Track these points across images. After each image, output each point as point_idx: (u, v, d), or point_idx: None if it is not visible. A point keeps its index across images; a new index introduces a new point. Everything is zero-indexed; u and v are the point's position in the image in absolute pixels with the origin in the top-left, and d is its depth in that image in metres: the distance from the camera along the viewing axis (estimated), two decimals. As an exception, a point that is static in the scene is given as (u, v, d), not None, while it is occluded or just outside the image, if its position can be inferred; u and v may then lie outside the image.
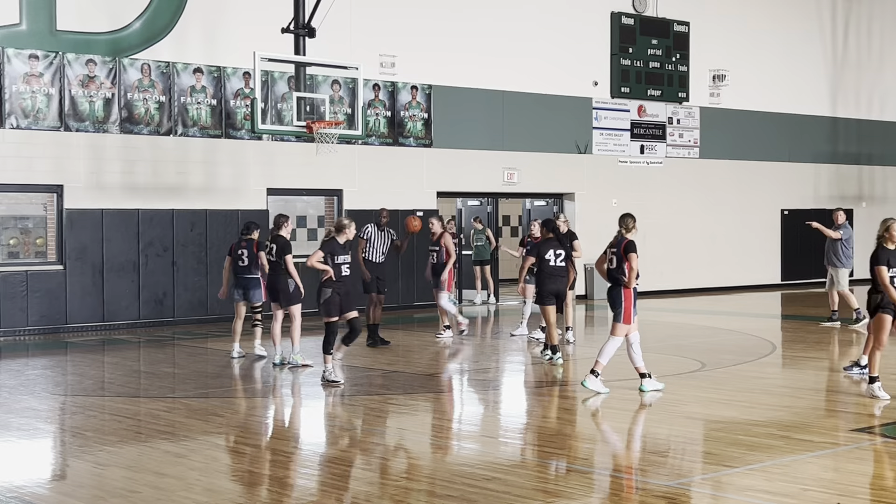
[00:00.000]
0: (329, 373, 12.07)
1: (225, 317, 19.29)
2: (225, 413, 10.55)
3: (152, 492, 7.44)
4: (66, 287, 17.98)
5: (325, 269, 11.91)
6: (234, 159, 19.70)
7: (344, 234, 12.19)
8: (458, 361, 14.70)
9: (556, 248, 13.45)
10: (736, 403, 10.63)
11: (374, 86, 21.32)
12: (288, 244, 13.68)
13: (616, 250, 11.34)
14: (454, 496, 7.22)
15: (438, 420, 10.52)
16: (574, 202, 24.35)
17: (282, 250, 13.51)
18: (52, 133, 17.92)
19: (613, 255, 11.35)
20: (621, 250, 11.29)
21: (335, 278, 11.98)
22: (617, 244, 11.36)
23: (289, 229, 13.84)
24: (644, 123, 25.57)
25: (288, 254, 13.52)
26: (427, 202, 22.09)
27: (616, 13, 24.87)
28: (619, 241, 11.36)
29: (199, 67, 19.32)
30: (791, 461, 8.15)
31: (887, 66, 30.47)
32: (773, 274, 27.75)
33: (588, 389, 11.21)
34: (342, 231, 12.20)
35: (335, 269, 11.99)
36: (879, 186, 30.59)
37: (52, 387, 12.44)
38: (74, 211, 18.11)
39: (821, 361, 13.91)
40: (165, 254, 18.89)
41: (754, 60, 27.42)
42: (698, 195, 26.44)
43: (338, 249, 12.12)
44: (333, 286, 11.99)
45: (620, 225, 11.43)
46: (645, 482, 7.65)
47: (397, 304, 21.49)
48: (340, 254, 12.12)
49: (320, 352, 12.37)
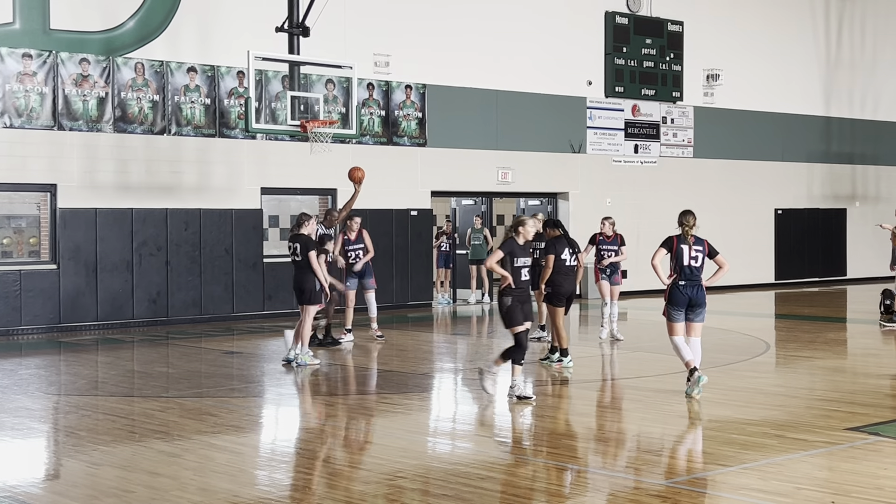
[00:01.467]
0: (517, 388, 10.77)
1: (218, 316, 19.30)
2: (219, 412, 10.54)
3: (146, 491, 7.43)
4: (59, 286, 17.95)
5: (504, 275, 10.65)
6: (228, 158, 19.68)
7: (522, 233, 10.85)
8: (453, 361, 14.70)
9: (569, 247, 13.07)
10: (730, 402, 10.64)
11: (369, 85, 21.31)
12: (312, 241, 13.50)
13: (701, 249, 10.95)
14: (449, 495, 7.22)
15: (433, 419, 10.52)
16: (568, 201, 24.36)
17: (305, 248, 13.34)
18: (45, 132, 17.89)
19: (699, 254, 10.96)
20: (707, 250, 10.91)
21: (514, 285, 10.73)
22: (697, 242, 10.96)
23: (312, 227, 13.61)
24: (638, 123, 25.59)
25: (312, 251, 13.31)
26: (421, 202, 22.09)
27: (610, 13, 24.88)
28: (697, 239, 10.99)
29: (192, 66, 19.29)
30: (785, 460, 8.16)
31: (880, 66, 30.53)
32: (766, 273, 27.79)
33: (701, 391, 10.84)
34: (521, 229, 10.82)
35: (514, 273, 10.73)
36: (872, 186, 30.66)
37: (46, 386, 12.41)
38: (68, 210, 18.08)
39: (814, 360, 13.93)
40: (159, 253, 18.86)
41: (748, 60, 27.46)
42: (692, 194, 26.44)
43: (518, 251, 10.78)
44: (513, 294, 10.71)
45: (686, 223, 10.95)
46: (639, 481, 7.66)
47: (391, 304, 21.49)
48: (521, 256, 10.80)
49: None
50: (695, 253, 10.90)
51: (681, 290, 10.88)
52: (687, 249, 10.88)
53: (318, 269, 13.31)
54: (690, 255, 10.87)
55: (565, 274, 12.93)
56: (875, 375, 12.37)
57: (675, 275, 10.91)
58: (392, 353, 15.04)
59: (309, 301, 13.40)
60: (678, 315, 10.93)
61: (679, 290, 10.88)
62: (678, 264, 10.89)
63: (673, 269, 10.95)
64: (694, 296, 10.88)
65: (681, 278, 10.86)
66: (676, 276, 10.89)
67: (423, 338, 17.20)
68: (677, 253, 10.88)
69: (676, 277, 10.89)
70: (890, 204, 30.53)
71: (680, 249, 10.88)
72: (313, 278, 13.33)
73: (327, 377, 13.07)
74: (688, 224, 10.91)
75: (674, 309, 10.94)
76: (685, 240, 10.92)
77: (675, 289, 10.91)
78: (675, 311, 10.94)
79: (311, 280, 13.35)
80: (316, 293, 13.37)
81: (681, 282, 10.87)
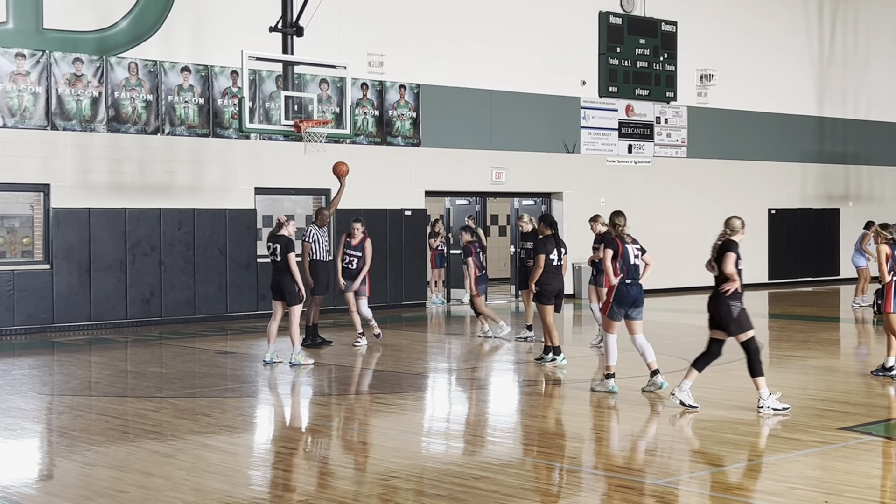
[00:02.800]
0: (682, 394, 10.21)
1: (212, 316, 19.27)
2: (212, 413, 10.53)
3: (140, 492, 7.42)
4: (52, 286, 17.91)
5: (733, 278, 10.12)
6: (222, 158, 19.66)
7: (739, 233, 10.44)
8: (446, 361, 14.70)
9: (558, 246, 13.25)
10: (724, 402, 10.65)
11: (363, 85, 21.30)
12: (292, 243, 13.68)
13: (639, 247, 11.23)
14: (443, 495, 7.22)
15: (427, 419, 10.52)
16: (562, 201, 24.37)
17: (285, 249, 13.49)
18: (38, 132, 17.86)
19: (639, 252, 11.23)
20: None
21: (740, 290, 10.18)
22: (634, 241, 11.25)
23: (291, 229, 13.79)
24: (632, 123, 25.61)
25: (291, 252, 13.49)
26: (415, 202, 22.08)
27: (604, 13, 24.89)
28: (633, 239, 11.25)
29: (186, 66, 19.27)
30: (778, 460, 8.17)
31: (873, 66, 30.58)
32: (760, 273, 27.82)
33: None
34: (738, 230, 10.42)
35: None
36: (866, 186, 30.72)
37: (39, 386, 12.39)
38: (61, 210, 18.04)
39: (808, 360, 13.95)
40: (153, 253, 18.83)
41: (741, 60, 27.49)
42: (686, 194, 26.50)
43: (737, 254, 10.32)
44: (741, 299, 10.22)
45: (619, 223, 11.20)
46: (633, 481, 7.66)
47: (385, 304, 21.47)
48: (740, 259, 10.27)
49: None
50: (636, 251, 11.24)
51: (628, 289, 11.12)
52: (631, 249, 11.19)
53: (297, 271, 13.49)
54: (634, 253, 11.19)
55: (552, 273, 13.08)
56: (868, 375, 12.39)
57: (622, 274, 11.13)
58: (386, 353, 15.03)
59: (290, 302, 13.51)
60: (620, 313, 11.17)
61: (626, 289, 11.12)
62: (625, 264, 11.14)
63: (619, 268, 11.14)
64: (638, 294, 11.18)
65: (627, 277, 11.13)
66: (623, 275, 11.13)
67: (418, 337, 17.19)
68: (624, 253, 11.14)
69: (623, 276, 11.13)
70: (883, 204, 30.62)
71: (626, 249, 11.16)
72: (292, 280, 13.44)
73: (321, 377, 13.06)
74: (621, 224, 11.24)
75: (619, 308, 11.15)
76: (626, 240, 11.22)
77: (622, 287, 11.12)
78: (619, 309, 11.16)
79: (289, 281, 13.49)
80: (294, 294, 13.48)
81: (627, 280, 11.13)
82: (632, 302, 11.14)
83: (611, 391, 11.11)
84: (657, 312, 21.00)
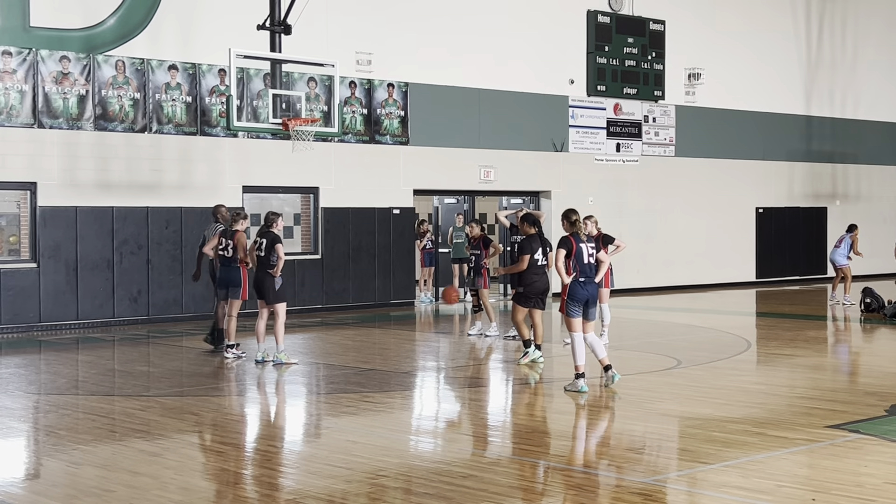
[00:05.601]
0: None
1: (199, 315, 19.22)
2: (200, 411, 10.50)
3: (127, 491, 7.40)
4: (39, 285, 17.85)
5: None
6: (210, 157, 19.61)
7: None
8: (435, 359, 14.69)
9: (543, 245, 13.27)
10: (711, 400, 10.67)
11: (351, 83, 21.27)
12: (278, 238, 13.64)
13: (594, 246, 11.45)
14: (431, 494, 7.21)
15: (415, 418, 10.51)
16: (550, 200, 24.38)
17: (271, 244, 13.45)
18: (25, 130, 17.79)
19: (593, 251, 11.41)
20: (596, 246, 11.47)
21: None
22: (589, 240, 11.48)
23: (279, 227, 13.81)
24: (620, 122, 25.64)
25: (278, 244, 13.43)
26: (404, 200, 22.07)
27: (592, 11, 24.91)
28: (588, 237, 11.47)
29: (173, 64, 19.22)
30: (766, 458, 8.19)
31: (861, 66, 30.68)
32: (747, 271, 27.89)
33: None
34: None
35: None
36: (853, 185, 30.82)
37: (26, 385, 12.34)
38: (48, 208, 17.98)
39: (795, 358, 13.99)
40: (140, 252, 18.78)
41: (729, 59, 27.55)
42: (674, 193, 26.54)
43: None
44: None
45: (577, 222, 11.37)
46: (621, 479, 7.67)
47: (373, 302, 21.47)
48: None
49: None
50: (591, 251, 11.33)
51: (582, 287, 11.18)
52: (585, 248, 11.27)
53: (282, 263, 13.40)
54: (588, 252, 11.26)
55: (538, 273, 13.13)
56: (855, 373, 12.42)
57: (576, 273, 11.21)
58: (374, 352, 15.01)
59: (276, 299, 13.49)
60: (577, 311, 11.22)
61: (581, 287, 11.18)
62: (578, 263, 11.21)
63: (573, 267, 11.22)
64: (592, 293, 11.24)
65: (580, 276, 11.19)
66: (577, 273, 11.21)
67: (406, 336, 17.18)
68: (577, 252, 11.22)
69: (577, 275, 11.20)
70: (870, 202, 30.73)
71: (580, 249, 11.24)
72: (271, 278, 13.42)
73: (308, 376, 13.04)
74: (579, 223, 11.33)
75: (574, 305, 11.21)
76: (581, 239, 11.30)
77: (576, 285, 11.20)
78: (575, 307, 11.21)
79: (269, 279, 13.46)
80: (276, 292, 13.45)
81: (581, 279, 11.20)
82: (586, 300, 11.20)
83: (580, 391, 11.10)
84: (646, 311, 21.03)
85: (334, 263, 21.07)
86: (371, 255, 21.49)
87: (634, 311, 20.57)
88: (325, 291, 20.95)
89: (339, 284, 21.13)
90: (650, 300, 23.28)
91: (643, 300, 23.24)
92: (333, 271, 21.05)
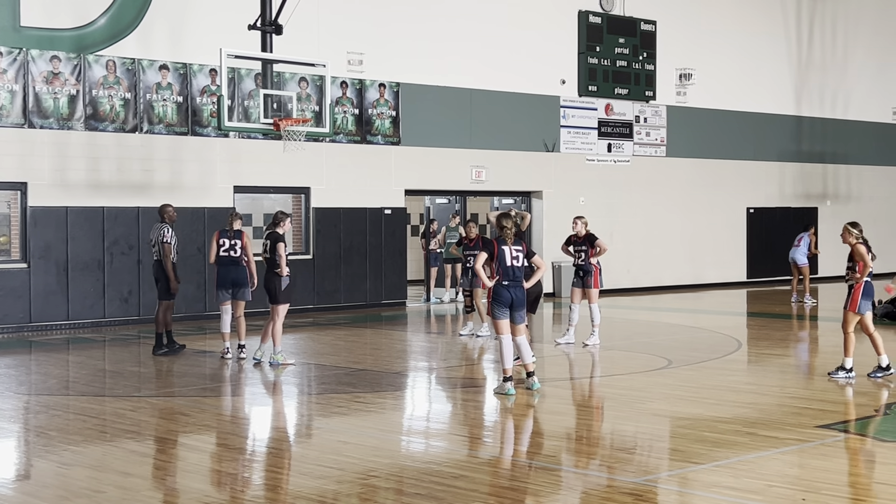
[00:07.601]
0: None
1: (190, 315, 19.20)
2: (191, 412, 10.49)
3: (117, 492, 7.38)
4: (30, 285, 17.81)
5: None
6: (201, 157, 19.58)
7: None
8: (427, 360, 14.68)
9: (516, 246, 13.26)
10: (702, 400, 10.69)
11: (342, 83, 21.26)
12: (282, 238, 13.55)
13: (520, 249, 11.35)
14: (422, 494, 7.22)
15: (406, 418, 10.51)
16: (542, 200, 24.40)
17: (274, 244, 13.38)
18: (15, 130, 17.74)
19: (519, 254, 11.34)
20: (525, 250, 11.40)
21: None
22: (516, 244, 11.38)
23: (287, 226, 13.79)
24: (611, 122, 25.67)
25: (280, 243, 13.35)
26: (395, 200, 22.06)
27: (583, 12, 24.94)
28: (517, 241, 11.41)
29: (164, 64, 19.18)
30: (757, 457, 8.20)
31: (851, 66, 30.75)
32: (738, 272, 27.94)
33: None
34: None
35: None
36: (843, 185, 30.89)
37: (16, 386, 12.31)
38: (38, 209, 17.93)
39: (786, 358, 14.02)
40: (131, 252, 18.75)
41: (720, 60, 27.60)
42: (665, 193, 26.58)
43: None
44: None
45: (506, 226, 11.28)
46: (612, 479, 7.68)
47: (364, 303, 21.47)
48: None
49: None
50: (515, 253, 11.31)
51: (506, 289, 11.21)
52: (508, 251, 11.27)
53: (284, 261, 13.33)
54: (512, 255, 11.26)
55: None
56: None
57: (499, 276, 11.25)
58: (365, 352, 15.00)
59: (276, 301, 13.45)
60: (504, 313, 11.22)
61: (504, 289, 11.21)
62: (501, 265, 11.23)
63: (496, 270, 11.26)
64: (517, 296, 11.25)
65: (504, 279, 11.22)
66: (500, 276, 11.24)
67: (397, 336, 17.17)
68: (500, 255, 11.25)
69: (500, 278, 11.24)
70: (861, 202, 30.80)
71: (502, 251, 11.27)
72: (277, 278, 13.38)
73: (301, 376, 13.03)
74: (508, 227, 11.30)
75: (499, 307, 11.22)
76: (505, 242, 11.31)
77: (499, 288, 11.22)
78: (500, 309, 11.21)
79: (275, 279, 13.41)
80: (282, 292, 13.43)
81: (504, 282, 11.22)
82: (510, 303, 11.20)
83: (507, 394, 11.08)
84: (636, 311, 21.06)
85: (325, 264, 21.06)
86: (362, 256, 21.49)
87: (625, 311, 20.60)
88: (317, 292, 20.93)
89: (330, 285, 21.12)
90: (640, 300, 23.32)
91: (633, 300, 23.27)
92: (325, 271, 21.04)
